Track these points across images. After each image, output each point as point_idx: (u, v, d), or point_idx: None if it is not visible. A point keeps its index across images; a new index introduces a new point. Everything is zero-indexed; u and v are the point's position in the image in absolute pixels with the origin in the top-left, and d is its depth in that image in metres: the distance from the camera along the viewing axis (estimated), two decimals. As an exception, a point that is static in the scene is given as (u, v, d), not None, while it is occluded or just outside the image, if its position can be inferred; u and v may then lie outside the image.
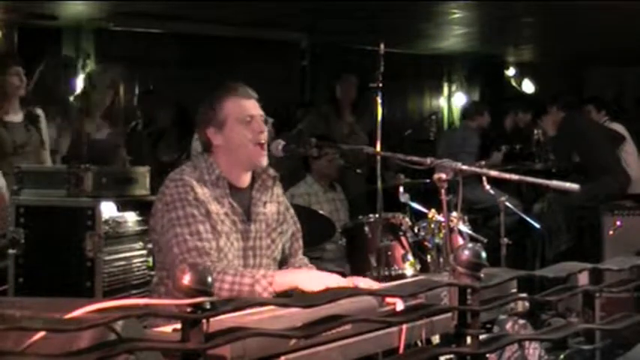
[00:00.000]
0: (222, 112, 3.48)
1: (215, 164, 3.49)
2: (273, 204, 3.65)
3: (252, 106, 3.52)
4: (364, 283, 3.37)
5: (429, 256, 5.05)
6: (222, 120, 3.48)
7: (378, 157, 4.39)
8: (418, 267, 5.00)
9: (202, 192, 3.40)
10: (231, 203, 3.46)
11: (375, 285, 3.39)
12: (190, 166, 3.52)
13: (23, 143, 5.62)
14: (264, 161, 3.53)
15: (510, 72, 12.29)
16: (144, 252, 4.96)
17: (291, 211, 3.79)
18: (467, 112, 9.42)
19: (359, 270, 4.83)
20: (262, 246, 3.55)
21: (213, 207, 3.41)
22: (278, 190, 3.71)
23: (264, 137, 3.50)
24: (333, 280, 3.18)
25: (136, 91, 8.90)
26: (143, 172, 5.20)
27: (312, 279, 3.18)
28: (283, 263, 3.70)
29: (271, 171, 3.65)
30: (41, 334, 1.58)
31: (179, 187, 3.39)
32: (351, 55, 9.98)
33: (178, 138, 7.71)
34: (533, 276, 2.40)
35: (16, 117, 5.61)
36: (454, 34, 9.91)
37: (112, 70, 6.79)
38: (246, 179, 3.57)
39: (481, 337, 2.03)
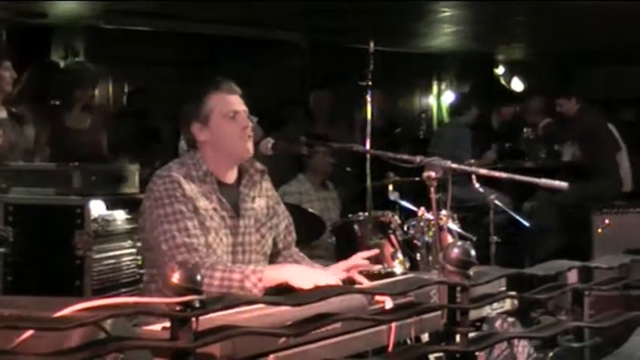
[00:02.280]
0: (206, 107, 3.48)
1: (202, 160, 3.48)
2: (262, 198, 3.64)
3: (236, 102, 3.53)
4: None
5: (418, 255, 5.06)
6: (206, 115, 3.48)
7: (368, 156, 4.39)
8: (407, 265, 5.01)
9: (190, 188, 3.40)
10: (220, 199, 3.46)
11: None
12: (177, 162, 3.52)
13: (15, 142, 5.59)
14: (250, 150, 3.52)
15: (500, 70, 12.30)
16: (133, 250, 4.95)
17: (282, 205, 3.79)
18: (456, 108, 9.37)
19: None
20: (252, 242, 3.55)
21: (202, 203, 3.41)
22: (267, 184, 3.70)
23: (249, 132, 3.50)
24: (322, 277, 3.17)
25: (126, 89, 8.87)
26: (133, 170, 5.19)
27: (302, 275, 3.18)
28: (276, 257, 3.70)
29: (258, 165, 3.65)
30: (30, 332, 1.57)
31: (167, 183, 3.39)
32: (342, 54, 9.98)
33: None
34: (523, 274, 2.40)
35: (1, 113, 5.56)
36: (444, 32, 9.92)
37: (89, 68, 6.80)
38: (232, 174, 3.57)
39: (470, 335, 2.03)
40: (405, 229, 5.18)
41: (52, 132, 6.25)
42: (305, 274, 3.19)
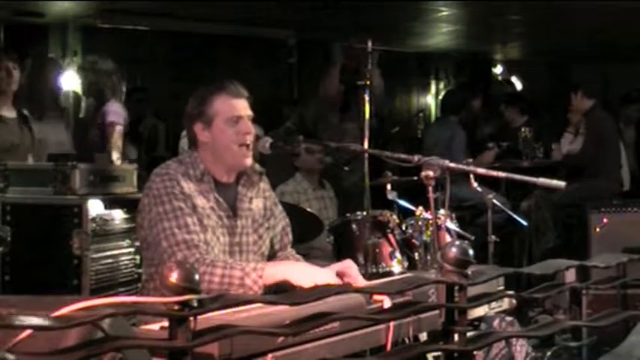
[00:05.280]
0: (211, 109, 3.47)
1: (199, 159, 3.49)
2: (259, 199, 3.64)
3: (241, 106, 3.51)
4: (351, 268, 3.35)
5: (416, 254, 5.06)
6: (210, 117, 3.47)
7: (366, 155, 4.38)
8: (406, 264, 5.00)
9: (188, 186, 3.40)
10: (217, 198, 3.47)
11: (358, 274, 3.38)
12: (176, 161, 3.53)
13: (19, 143, 5.57)
14: (248, 162, 3.52)
15: (498, 70, 12.31)
16: (131, 250, 4.95)
17: (280, 205, 3.79)
18: (449, 106, 9.24)
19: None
20: (249, 242, 3.55)
21: (199, 201, 3.41)
22: (264, 185, 3.71)
23: (249, 139, 3.49)
24: (323, 275, 3.17)
25: (124, 88, 8.85)
26: (130, 170, 5.19)
27: (303, 273, 3.17)
28: (272, 258, 3.69)
29: (257, 166, 3.65)
30: (28, 332, 1.57)
31: (165, 181, 3.39)
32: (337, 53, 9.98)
33: None
34: (521, 273, 2.40)
35: (10, 114, 5.55)
36: (441, 31, 9.92)
37: (104, 62, 6.75)
38: (231, 176, 3.57)
39: (468, 334, 2.03)
40: (403, 228, 5.18)
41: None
42: (305, 272, 3.18)
